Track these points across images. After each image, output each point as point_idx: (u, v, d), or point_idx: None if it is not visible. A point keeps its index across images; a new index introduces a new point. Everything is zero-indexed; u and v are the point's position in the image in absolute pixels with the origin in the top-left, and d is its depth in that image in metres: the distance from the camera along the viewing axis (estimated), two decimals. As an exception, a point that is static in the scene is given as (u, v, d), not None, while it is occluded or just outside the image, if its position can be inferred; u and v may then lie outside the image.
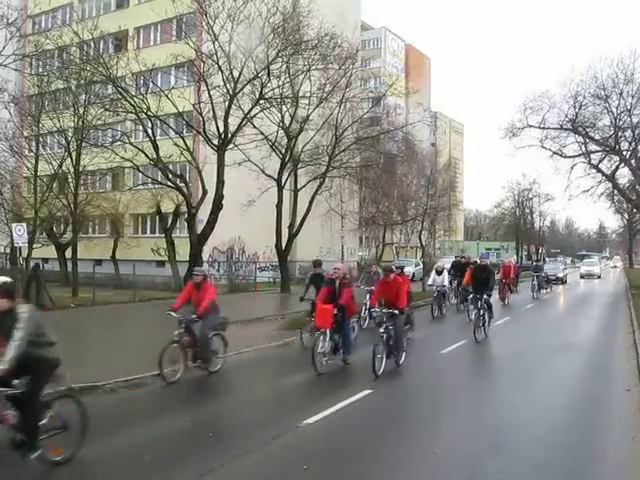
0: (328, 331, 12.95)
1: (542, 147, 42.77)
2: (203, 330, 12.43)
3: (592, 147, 42.61)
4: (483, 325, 18.16)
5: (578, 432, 9.32)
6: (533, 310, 29.18)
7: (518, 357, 15.80)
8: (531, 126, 41.97)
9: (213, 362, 12.81)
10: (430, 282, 25.14)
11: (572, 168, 42.86)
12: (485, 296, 18.39)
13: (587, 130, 41.57)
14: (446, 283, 24.85)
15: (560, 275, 50.60)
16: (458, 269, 27.90)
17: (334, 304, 13.23)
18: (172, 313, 12.31)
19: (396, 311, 13.15)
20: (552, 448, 8.40)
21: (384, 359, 12.64)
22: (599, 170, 42.85)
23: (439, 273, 24.69)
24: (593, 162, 42.81)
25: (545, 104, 40.90)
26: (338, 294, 13.45)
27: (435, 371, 14.19)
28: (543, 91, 42.16)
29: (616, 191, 45.56)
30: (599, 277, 65.46)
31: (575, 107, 40.31)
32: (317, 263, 17.62)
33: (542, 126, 42.03)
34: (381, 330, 12.89)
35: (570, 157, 43.04)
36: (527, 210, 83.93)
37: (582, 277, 64.77)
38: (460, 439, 8.83)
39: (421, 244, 62.57)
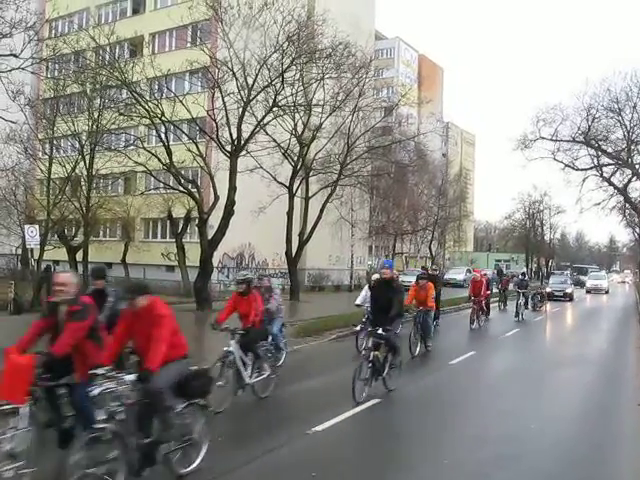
0: (24, 409, 6.36)
1: (554, 159, 42.80)
2: None
3: (604, 160, 42.56)
4: (379, 376, 11.58)
5: (587, 445, 9.31)
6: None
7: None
8: (543, 138, 42.05)
9: None
10: (359, 301, 17.22)
11: (584, 181, 42.90)
12: (382, 331, 11.30)
13: (599, 143, 41.55)
14: None
15: (568, 291, 46.12)
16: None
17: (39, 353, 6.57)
18: None
19: (128, 377, 6.56)
20: (560, 460, 8.41)
21: None
22: (611, 183, 42.78)
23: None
24: (605, 175, 42.77)
25: (558, 116, 40.99)
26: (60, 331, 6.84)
27: (443, 382, 14.20)
28: (556, 103, 42.53)
29: (628, 205, 45.45)
30: (607, 292, 62.43)
31: (588, 120, 40.35)
32: (97, 273, 9.95)
33: (554, 138, 42.06)
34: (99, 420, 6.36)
35: (582, 170, 43.05)
36: (537, 222, 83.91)
37: (588, 292, 61.23)
38: (468, 449, 8.84)
39: (431, 254, 62.73)
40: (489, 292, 28.63)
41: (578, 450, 9.00)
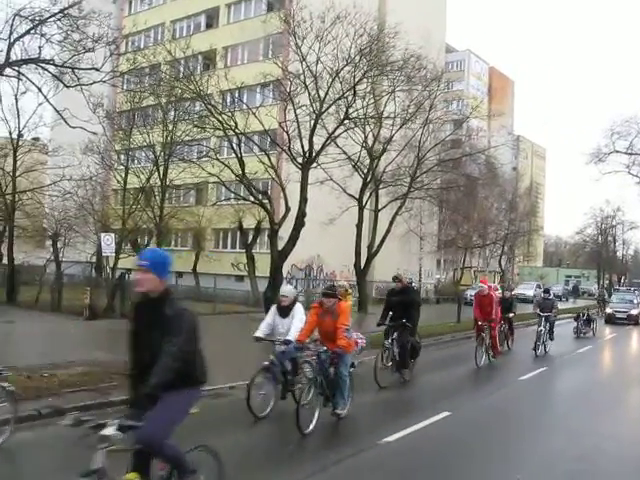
0: None
1: (629, 173, 41.90)
2: None
3: (682, 174, 41.47)
4: None
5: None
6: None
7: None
8: (618, 151, 41.25)
9: None
10: (261, 332, 10.84)
11: (660, 195, 41.76)
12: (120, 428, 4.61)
13: (677, 157, 40.52)
14: (292, 336, 10.34)
15: (633, 312, 37.63)
16: (391, 302, 15.05)
17: None
18: None
19: None
20: None
21: None
22: (688, 198, 41.64)
23: (284, 312, 10.96)
24: (682, 190, 41.68)
25: (633, 129, 40.18)
26: None
27: (515, 397, 14.04)
28: (631, 115, 41.34)
29: None
30: None
31: (665, 132, 39.39)
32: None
33: (629, 152, 41.18)
34: None
35: (658, 184, 42.02)
36: (610, 238, 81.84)
37: None
38: (541, 466, 8.69)
39: (501, 269, 61.92)
40: (512, 314, 21.06)
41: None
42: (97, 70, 20.14)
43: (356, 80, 27.67)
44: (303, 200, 27.56)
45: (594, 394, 15.09)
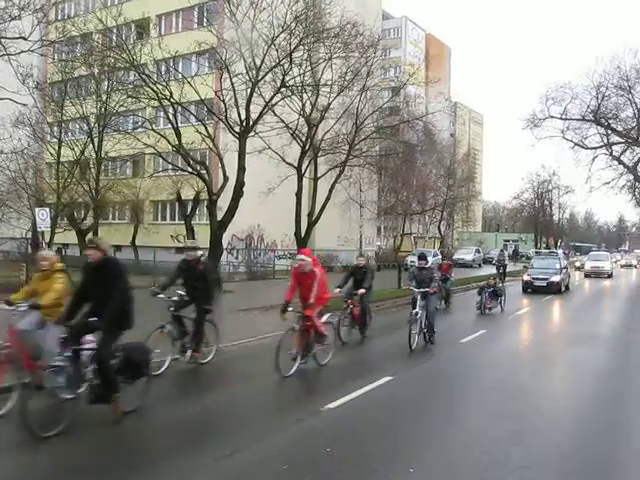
0: None
1: (563, 138, 42.75)
2: None
3: (614, 139, 42.48)
4: None
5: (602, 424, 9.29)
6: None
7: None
8: (552, 117, 42.03)
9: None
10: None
11: (593, 160, 42.78)
12: None
13: (609, 121, 41.43)
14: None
15: (554, 279, 33.21)
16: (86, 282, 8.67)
17: None
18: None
19: None
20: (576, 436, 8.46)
21: None
22: (621, 162, 42.67)
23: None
24: (615, 154, 42.68)
25: (567, 95, 40.93)
26: None
27: (455, 360, 14.27)
28: (565, 82, 42.23)
29: (638, 183, 45.21)
30: (610, 276, 51.87)
31: (598, 98, 40.24)
32: None
33: (564, 117, 41.98)
34: None
35: (591, 149, 43.00)
36: (546, 202, 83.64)
37: (587, 276, 52.03)
38: (483, 425, 8.90)
39: (440, 234, 62.70)
40: (362, 290, 15.78)
41: (592, 427, 9.03)
42: (25, 39, 19.56)
43: (292, 47, 27.36)
44: (241, 170, 27.33)
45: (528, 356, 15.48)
